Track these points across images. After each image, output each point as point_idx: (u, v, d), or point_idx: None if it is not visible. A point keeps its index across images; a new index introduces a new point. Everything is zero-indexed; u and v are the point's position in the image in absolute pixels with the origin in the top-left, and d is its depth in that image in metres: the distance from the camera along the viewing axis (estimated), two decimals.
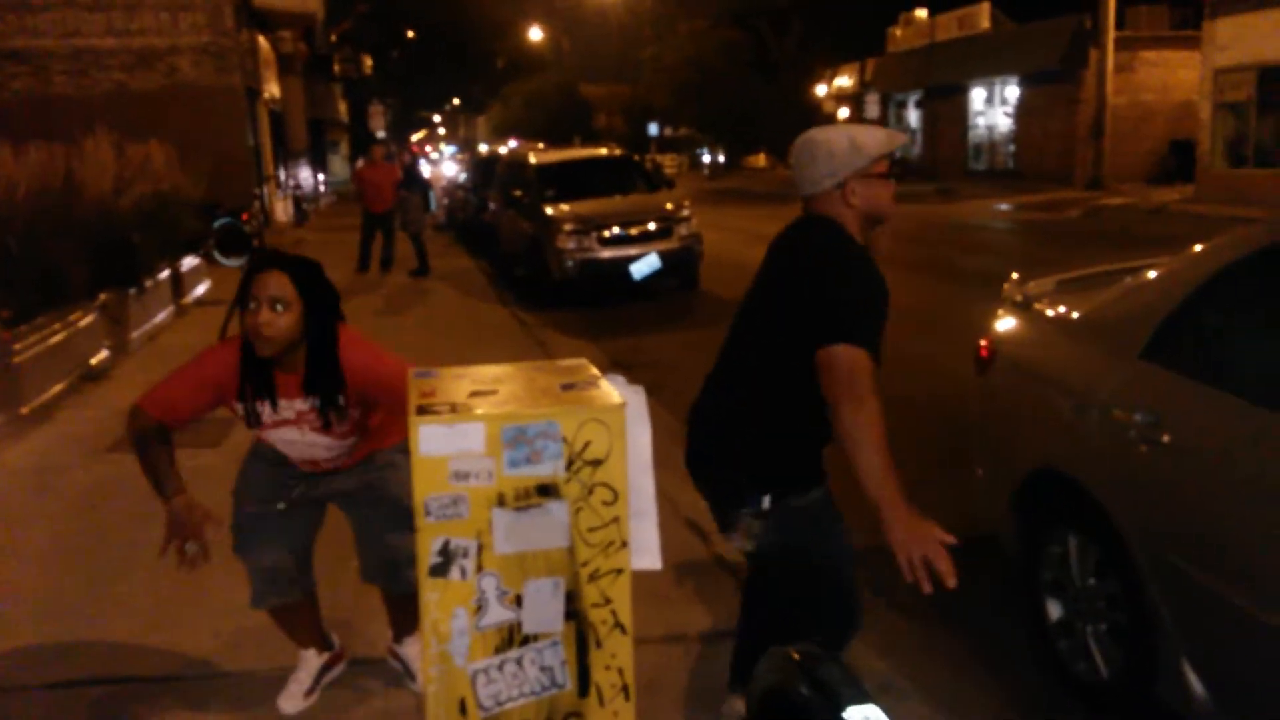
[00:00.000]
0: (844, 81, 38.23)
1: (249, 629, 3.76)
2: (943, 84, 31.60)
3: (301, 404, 2.85)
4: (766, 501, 2.57)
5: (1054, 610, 3.49)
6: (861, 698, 1.28)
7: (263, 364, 2.78)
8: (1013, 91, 29.14)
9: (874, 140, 2.56)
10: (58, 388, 7.44)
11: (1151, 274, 3.39)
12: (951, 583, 2.17)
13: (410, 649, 3.37)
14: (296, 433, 2.91)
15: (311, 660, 3.35)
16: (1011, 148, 29.48)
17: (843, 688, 1.29)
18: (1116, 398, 3.11)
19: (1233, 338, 2.95)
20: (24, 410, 6.85)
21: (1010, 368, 3.76)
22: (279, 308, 2.69)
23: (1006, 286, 4.07)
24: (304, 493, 3.14)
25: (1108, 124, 23.71)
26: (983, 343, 3.92)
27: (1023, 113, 28.65)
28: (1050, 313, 3.73)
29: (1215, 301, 2.98)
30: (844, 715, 1.25)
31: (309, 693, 3.31)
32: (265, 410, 2.85)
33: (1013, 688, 3.49)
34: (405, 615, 3.25)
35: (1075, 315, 3.56)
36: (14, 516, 5.23)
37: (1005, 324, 3.95)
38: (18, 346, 6.85)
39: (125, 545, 4.71)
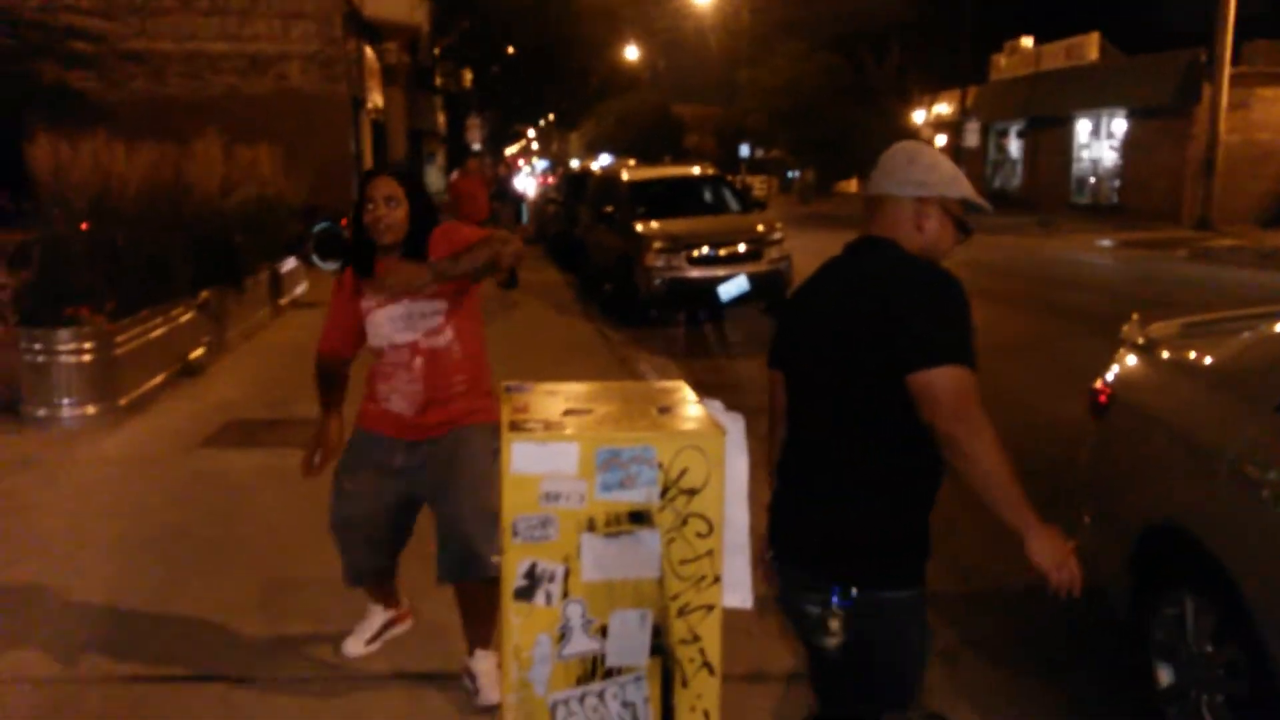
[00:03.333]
0: (943, 109, 37.60)
1: (319, 634, 3.76)
2: (1046, 115, 30.81)
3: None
4: (854, 592, 2.24)
5: (1165, 675, 3.26)
6: None
7: (369, 259, 3.28)
8: (1120, 125, 28.26)
9: (968, 187, 2.36)
10: (156, 381, 7.63)
11: None
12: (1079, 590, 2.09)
13: (480, 664, 3.36)
14: (396, 307, 3.26)
15: (378, 615, 3.67)
16: (1116, 182, 28.55)
17: None
18: (1249, 452, 2.89)
19: None
20: (122, 401, 7.03)
21: (1130, 413, 3.54)
22: (392, 203, 3.19)
23: (1127, 328, 3.85)
24: (401, 465, 3.32)
25: (1219, 162, 22.78)
26: (1099, 384, 3.70)
27: (1129, 147, 27.75)
28: (1176, 357, 3.51)
29: None
30: None
31: (370, 641, 3.64)
32: (373, 297, 3.28)
33: None
34: (479, 622, 3.36)
35: (1206, 361, 3.34)
36: (103, 506, 5.33)
37: (1125, 366, 3.73)
38: (120, 339, 7.04)
39: (208, 542, 4.77)
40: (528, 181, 34.06)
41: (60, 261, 6.94)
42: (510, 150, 61.58)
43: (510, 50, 38.07)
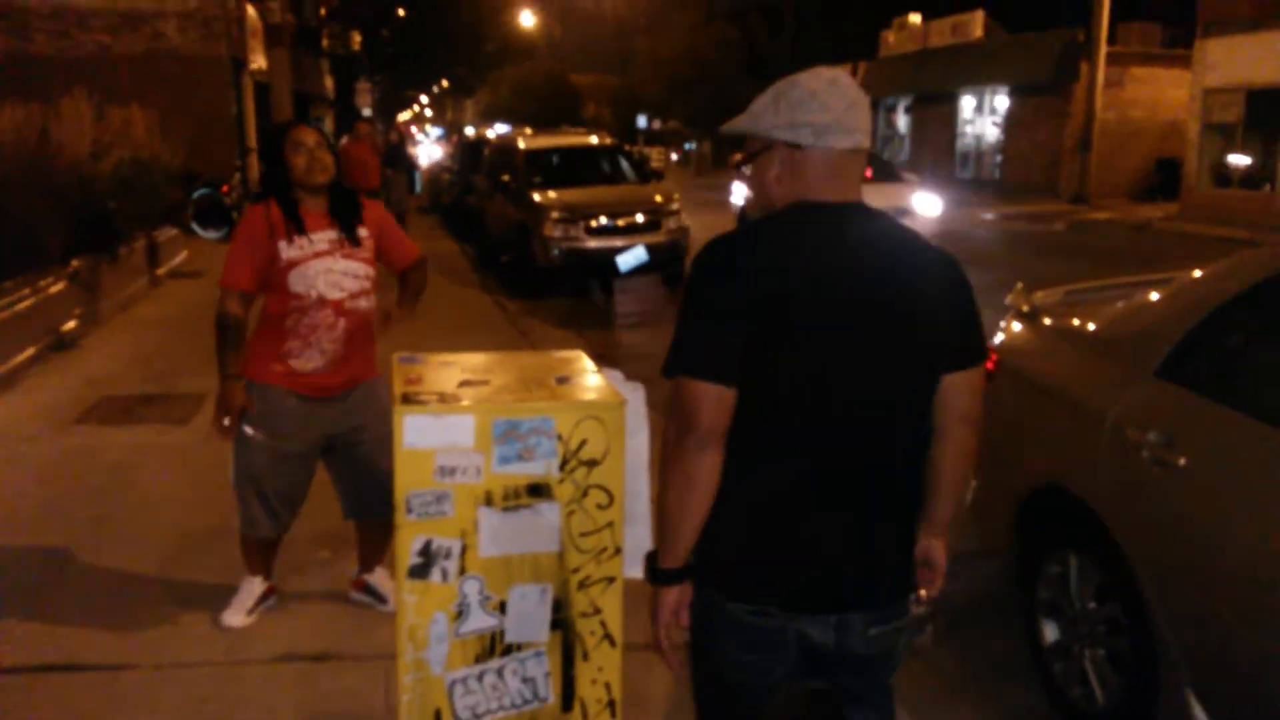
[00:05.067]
0: None
1: (202, 615, 3.62)
2: (933, 91, 31.54)
3: (331, 233, 3.42)
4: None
5: (1050, 632, 3.38)
6: None
7: (292, 205, 3.38)
8: (1002, 102, 29.12)
9: None
10: (25, 355, 7.21)
11: (1167, 289, 3.28)
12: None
13: (378, 577, 3.74)
14: (331, 260, 3.41)
15: (256, 586, 3.67)
16: (998, 158, 29.46)
17: None
18: (1129, 416, 2.99)
19: (1256, 358, 2.84)
20: None
21: (1015, 379, 3.64)
22: (322, 148, 3.41)
23: (1011, 296, 3.95)
24: (317, 430, 3.49)
25: (1095, 139, 23.72)
26: None
27: (1011, 123, 28.64)
28: (1059, 324, 3.62)
29: (1239, 320, 2.87)
30: None
31: (250, 612, 3.63)
32: (304, 244, 3.37)
33: (1007, 709, 3.38)
34: (376, 547, 3.69)
35: (1087, 327, 3.45)
36: None
37: (1010, 333, 3.83)
38: None
39: (85, 523, 4.53)
40: (432, 149, 33.24)
41: None
42: (403, 117, 60.15)
43: (400, 12, 37.07)
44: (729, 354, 1.77)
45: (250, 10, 20.65)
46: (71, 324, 8.09)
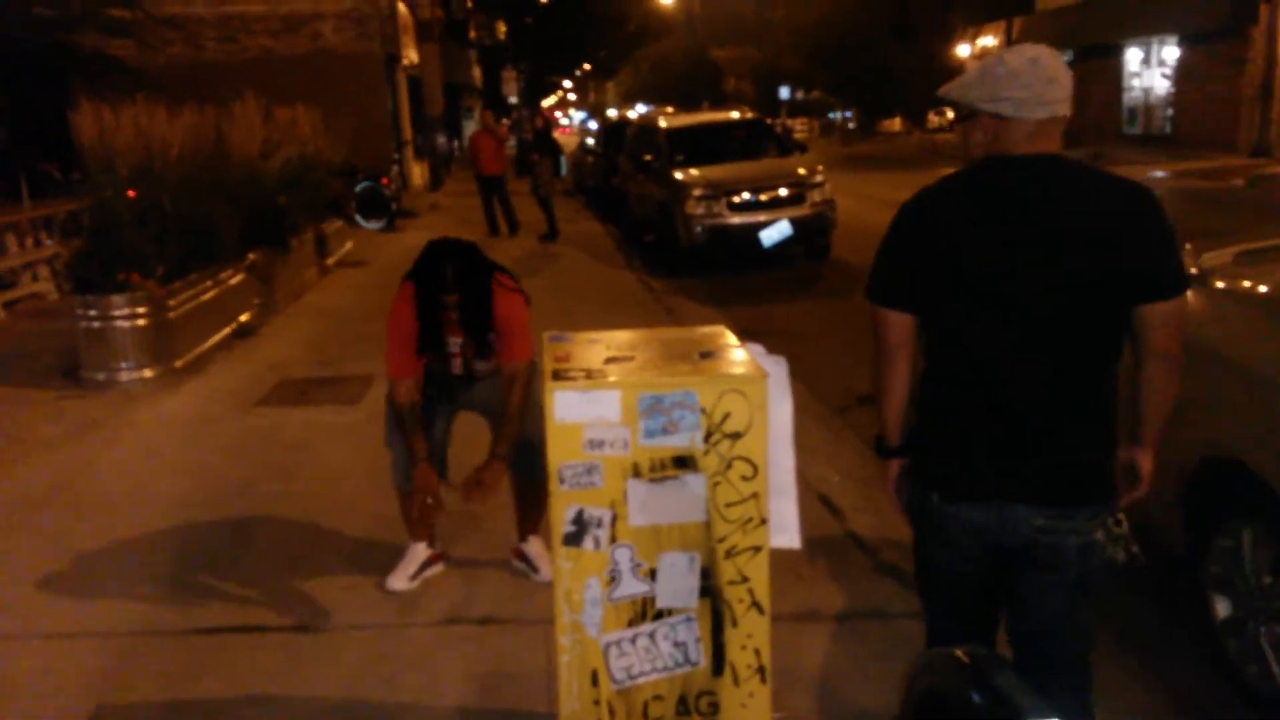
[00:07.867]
0: (988, 41, 36.60)
1: (375, 581, 3.85)
2: (1096, 44, 29.86)
3: (460, 338, 3.64)
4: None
5: (1222, 608, 3.23)
6: (1043, 710, 1.14)
7: (435, 329, 3.56)
8: (1171, 52, 27.35)
9: None
10: (209, 343, 7.77)
11: None
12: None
13: (533, 547, 3.90)
14: (458, 361, 3.71)
15: (419, 551, 3.88)
16: (1169, 111, 27.70)
17: (1022, 698, 1.16)
18: None
19: None
20: (178, 364, 7.18)
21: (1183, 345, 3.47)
22: (455, 310, 3.52)
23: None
24: (447, 403, 3.82)
25: (1278, 86, 22.01)
26: None
27: (1182, 74, 26.85)
28: (1230, 286, 3.43)
29: None
30: None
31: (412, 577, 3.84)
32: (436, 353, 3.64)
33: (1171, 687, 3.26)
34: (530, 513, 3.88)
35: (1260, 289, 3.26)
36: (166, 465, 5.47)
37: None
38: (172, 303, 7.16)
39: (268, 497, 4.88)
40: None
41: (109, 228, 7.06)
42: (547, 102, 61.20)
43: (542, 0, 37.70)
44: (903, 286, 2.21)
45: (401, 7, 21.44)
46: (250, 313, 8.66)
